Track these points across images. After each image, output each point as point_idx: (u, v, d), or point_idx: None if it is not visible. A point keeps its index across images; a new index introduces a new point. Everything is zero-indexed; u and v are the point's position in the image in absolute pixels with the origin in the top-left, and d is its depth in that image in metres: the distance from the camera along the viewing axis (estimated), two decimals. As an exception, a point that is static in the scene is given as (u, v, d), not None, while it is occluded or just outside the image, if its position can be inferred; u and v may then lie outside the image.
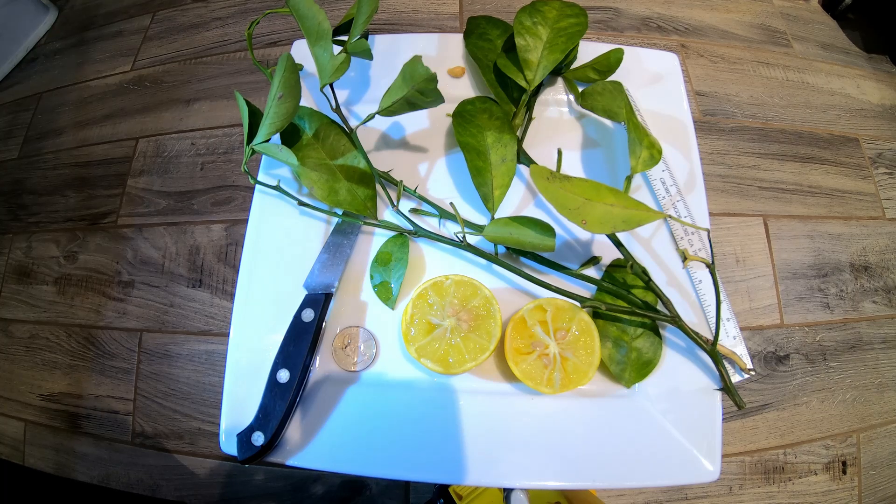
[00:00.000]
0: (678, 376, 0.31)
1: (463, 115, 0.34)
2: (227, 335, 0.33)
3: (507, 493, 0.46)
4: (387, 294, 0.33)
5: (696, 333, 0.31)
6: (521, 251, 0.34)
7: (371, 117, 0.32)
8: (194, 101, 0.92)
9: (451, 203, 0.33)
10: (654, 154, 0.31)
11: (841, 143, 0.89)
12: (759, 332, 0.76)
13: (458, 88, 0.39)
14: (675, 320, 0.30)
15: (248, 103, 0.32)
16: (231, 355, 0.32)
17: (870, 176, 0.87)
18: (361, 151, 0.34)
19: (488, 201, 0.33)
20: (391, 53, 0.39)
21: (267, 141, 0.31)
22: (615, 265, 0.34)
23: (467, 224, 0.34)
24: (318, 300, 0.32)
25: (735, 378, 0.31)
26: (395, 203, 0.34)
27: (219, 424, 0.31)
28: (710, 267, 0.28)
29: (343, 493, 0.72)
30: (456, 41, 0.40)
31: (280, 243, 0.35)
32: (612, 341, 0.31)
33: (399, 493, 0.71)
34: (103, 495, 0.73)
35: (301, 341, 0.31)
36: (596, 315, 0.33)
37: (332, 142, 0.34)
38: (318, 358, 0.33)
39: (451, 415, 0.31)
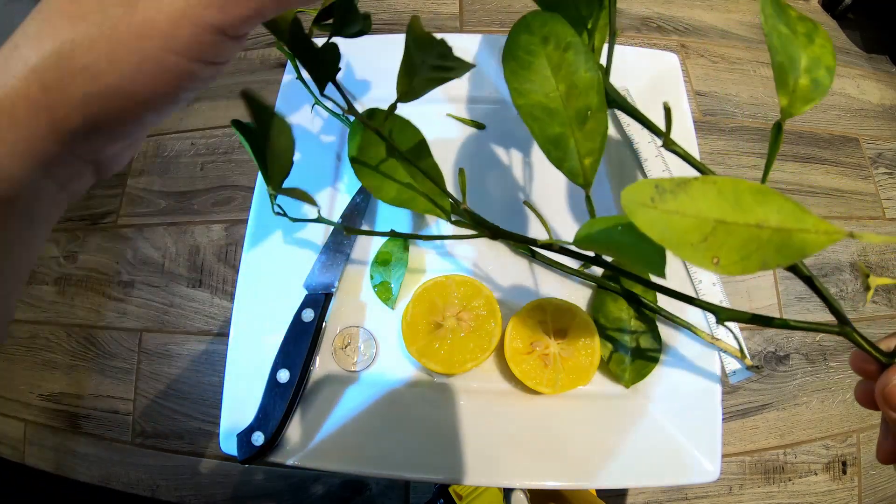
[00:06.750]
0: (678, 376, 0.31)
1: (516, 55, 0.23)
2: (227, 335, 0.33)
3: (507, 493, 0.46)
4: (387, 294, 0.33)
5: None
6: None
7: (393, 108, 0.25)
8: (194, 100, 0.92)
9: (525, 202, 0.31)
10: (823, 75, 0.17)
11: (841, 143, 0.89)
12: (759, 332, 0.76)
13: (462, 89, 0.39)
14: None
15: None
16: (231, 355, 0.32)
17: (870, 176, 0.87)
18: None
19: (577, 176, 0.24)
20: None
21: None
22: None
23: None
24: (318, 300, 0.32)
25: (738, 377, 0.31)
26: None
27: (219, 424, 0.31)
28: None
29: (343, 493, 0.72)
30: (461, 41, 0.40)
31: (280, 243, 0.35)
32: (612, 341, 0.31)
33: (399, 493, 0.71)
34: (103, 495, 0.73)
35: (301, 341, 0.31)
36: (595, 316, 0.33)
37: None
38: (318, 358, 0.33)
39: (451, 415, 0.31)
